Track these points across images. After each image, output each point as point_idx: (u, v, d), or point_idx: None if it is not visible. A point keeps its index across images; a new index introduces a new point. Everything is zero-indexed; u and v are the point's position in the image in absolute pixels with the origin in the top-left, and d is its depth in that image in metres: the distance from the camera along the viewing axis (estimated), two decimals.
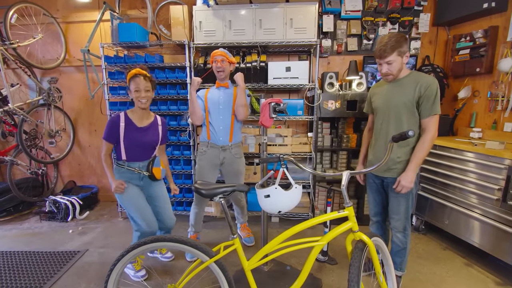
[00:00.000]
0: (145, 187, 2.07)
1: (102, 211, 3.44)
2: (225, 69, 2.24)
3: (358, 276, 1.28)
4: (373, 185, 1.99)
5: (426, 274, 2.14)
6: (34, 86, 3.41)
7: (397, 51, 1.63)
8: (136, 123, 1.95)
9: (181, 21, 2.81)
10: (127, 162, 1.97)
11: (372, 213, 2.07)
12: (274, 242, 1.39)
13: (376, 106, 1.87)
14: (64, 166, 3.73)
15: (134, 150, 1.95)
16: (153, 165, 2.02)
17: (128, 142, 1.92)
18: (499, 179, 2.03)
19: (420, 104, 1.67)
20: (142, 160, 2.00)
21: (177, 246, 1.38)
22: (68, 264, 2.31)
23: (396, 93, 1.74)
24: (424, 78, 1.67)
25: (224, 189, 1.35)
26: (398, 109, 1.73)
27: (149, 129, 2.00)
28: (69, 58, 3.46)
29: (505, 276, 2.10)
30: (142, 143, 1.96)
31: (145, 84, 1.88)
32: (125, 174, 1.98)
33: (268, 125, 1.69)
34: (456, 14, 2.77)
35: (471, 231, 2.24)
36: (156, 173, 2.03)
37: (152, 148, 2.04)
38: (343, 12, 2.98)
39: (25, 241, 2.70)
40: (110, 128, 1.90)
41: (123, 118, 1.93)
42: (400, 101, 1.72)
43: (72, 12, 3.37)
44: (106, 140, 1.92)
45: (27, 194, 3.28)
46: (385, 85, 1.84)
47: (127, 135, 1.92)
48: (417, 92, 1.66)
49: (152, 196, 2.10)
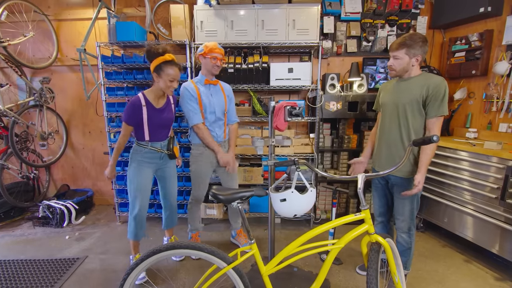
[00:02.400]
0: (161, 167, 2.14)
1: (98, 215, 3.34)
2: (221, 67, 2.20)
3: (376, 278, 1.29)
4: (378, 186, 2.01)
5: (428, 272, 2.20)
6: (24, 86, 3.27)
7: (405, 49, 1.65)
8: (154, 104, 1.96)
9: (181, 21, 2.75)
10: (150, 143, 2.01)
11: (377, 213, 2.10)
12: (292, 245, 1.39)
13: (383, 102, 1.89)
14: (56, 169, 3.60)
15: (156, 130, 2.00)
16: (173, 144, 2.12)
17: (152, 123, 1.95)
18: (497, 178, 2.10)
19: (427, 104, 1.68)
20: (163, 139, 2.07)
21: (193, 253, 1.35)
22: (68, 272, 2.23)
23: (403, 91, 1.75)
24: (433, 79, 1.68)
25: (243, 193, 1.33)
26: (404, 107, 1.74)
27: (165, 109, 2.03)
28: (61, 57, 3.33)
29: (503, 271, 2.19)
30: (163, 123, 2.01)
31: (179, 75, 1.91)
32: (146, 154, 2.01)
33: (283, 128, 1.68)
34: (452, 18, 2.84)
35: (469, 228, 2.32)
36: (176, 151, 2.16)
37: (170, 125, 2.11)
38: (343, 14, 3.00)
39: (20, 249, 2.59)
40: (132, 110, 1.89)
41: (143, 100, 1.92)
42: (406, 99, 1.72)
43: (64, 9, 3.24)
44: (127, 123, 1.92)
45: (18, 199, 3.15)
46: (393, 82, 1.85)
47: (150, 116, 1.94)
48: (424, 91, 1.66)
49: (165, 177, 2.18)
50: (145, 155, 2.02)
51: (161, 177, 2.19)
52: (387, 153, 1.86)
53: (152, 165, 2.07)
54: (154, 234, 2.83)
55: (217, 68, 2.15)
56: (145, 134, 1.97)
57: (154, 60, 1.84)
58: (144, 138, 1.98)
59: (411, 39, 1.64)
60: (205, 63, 2.14)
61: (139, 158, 2.01)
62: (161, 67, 1.84)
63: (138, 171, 2.01)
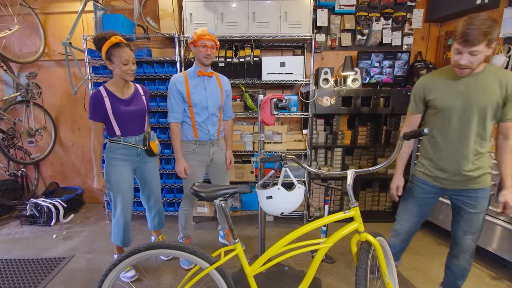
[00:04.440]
0: (139, 166, 2.02)
1: (87, 213, 3.27)
2: (213, 56, 1.98)
3: (366, 278, 1.24)
4: (424, 196, 1.65)
5: (423, 270, 2.15)
6: (11, 81, 3.18)
7: (487, 39, 1.24)
8: (118, 95, 1.85)
9: (170, 13, 2.67)
10: (123, 137, 1.89)
11: (404, 228, 1.74)
12: (278, 245, 1.32)
13: (445, 105, 1.46)
14: (45, 166, 3.52)
15: (126, 123, 1.88)
16: (150, 139, 1.97)
17: (118, 115, 1.83)
18: (494, 175, 2.04)
19: (505, 105, 1.38)
20: (137, 133, 1.94)
21: (174, 253, 1.28)
22: (53, 272, 2.16)
23: (478, 90, 1.39)
24: (506, 74, 1.37)
25: (226, 191, 1.26)
26: (484, 111, 1.39)
27: (132, 99, 1.92)
28: (48, 52, 3.24)
29: (499, 270, 2.14)
30: (132, 114, 1.89)
31: (132, 55, 1.78)
32: (120, 151, 1.89)
33: (270, 122, 1.61)
34: (448, 10, 2.77)
35: None
36: (154, 147, 1.99)
37: (142, 118, 1.97)
38: (337, 7, 2.92)
39: (6, 248, 2.52)
40: (94, 105, 1.78)
41: (104, 92, 1.80)
42: (486, 101, 1.37)
43: (51, 2, 3.14)
44: (93, 119, 1.80)
45: (5, 197, 3.07)
46: (448, 78, 1.47)
47: (115, 107, 1.82)
48: (503, 90, 1.36)
49: (145, 177, 2.07)
50: (118, 152, 1.89)
51: (141, 177, 2.07)
52: (455, 168, 1.50)
53: (129, 163, 1.94)
54: (143, 233, 2.76)
55: (208, 58, 1.94)
56: (114, 128, 1.85)
57: (102, 47, 1.74)
58: (115, 133, 1.86)
59: (489, 25, 1.23)
60: (195, 52, 1.96)
61: (113, 156, 1.89)
62: (111, 52, 1.73)
63: (113, 170, 1.89)
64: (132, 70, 1.79)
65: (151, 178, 2.08)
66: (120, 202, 1.92)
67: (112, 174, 1.89)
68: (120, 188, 1.90)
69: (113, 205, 1.96)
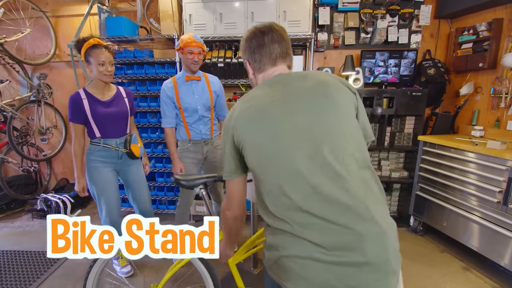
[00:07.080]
0: (122, 169, 2.00)
1: (94, 209, 3.38)
2: (200, 62, 2.00)
3: None
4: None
5: (422, 279, 2.06)
6: (26, 82, 3.35)
7: None
8: (98, 97, 1.85)
9: (170, 14, 2.70)
10: (103, 139, 1.87)
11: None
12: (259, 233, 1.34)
13: None
14: (57, 163, 3.69)
15: (106, 125, 1.87)
16: (131, 141, 1.95)
17: (97, 117, 1.83)
18: (500, 181, 1.93)
19: None
20: (118, 136, 1.92)
21: None
22: (55, 265, 2.27)
23: None
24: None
25: (205, 179, 1.31)
26: None
27: (113, 101, 1.91)
28: (59, 53, 3.38)
29: (505, 282, 2.01)
30: (112, 116, 1.88)
31: (109, 57, 1.79)
32: (100, 153, 1.87)
33: None
34: (459, 6, 2.62)
35: (469, 234, 2.15)
36: (135, 150, 1.95)
37: (124, 120, 1.96)
38: (340, 4, 2.84)
39: (15, 240, 2.67)
40: (72, 106, 1.79)
41: (83, 93, 1.81)
42: None
43: (61, 5, 3.28)
44: (72, 121, 1.81)
45: (19, 191, 3.25)
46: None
47: (93, 109, 1.81)
48: None
49: (128, 180, 2.04)
50: (99, 154, 1.87)
51: (125, 180, 2.05)
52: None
53: (110, 165, 1.92)
54: None
55: (195, 64, 1.96)
56: (94, 131, 1.84)
57: (81, 49, 1.76)
58: (95, 135, 1.85)
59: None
60: (182, 58, 1.99)
61: (93, 158, 1.87)
62: (88, 53, 1.74)
63: (95, 172, 1.87)
64: (108, 71, 1.79)
65: (133, 181, 2.05)
66: (104, 203, 1.92)
67: (94, 176, 1.88)
68: (103, 190, 1.90)
69: (98, 206, 1.96)
